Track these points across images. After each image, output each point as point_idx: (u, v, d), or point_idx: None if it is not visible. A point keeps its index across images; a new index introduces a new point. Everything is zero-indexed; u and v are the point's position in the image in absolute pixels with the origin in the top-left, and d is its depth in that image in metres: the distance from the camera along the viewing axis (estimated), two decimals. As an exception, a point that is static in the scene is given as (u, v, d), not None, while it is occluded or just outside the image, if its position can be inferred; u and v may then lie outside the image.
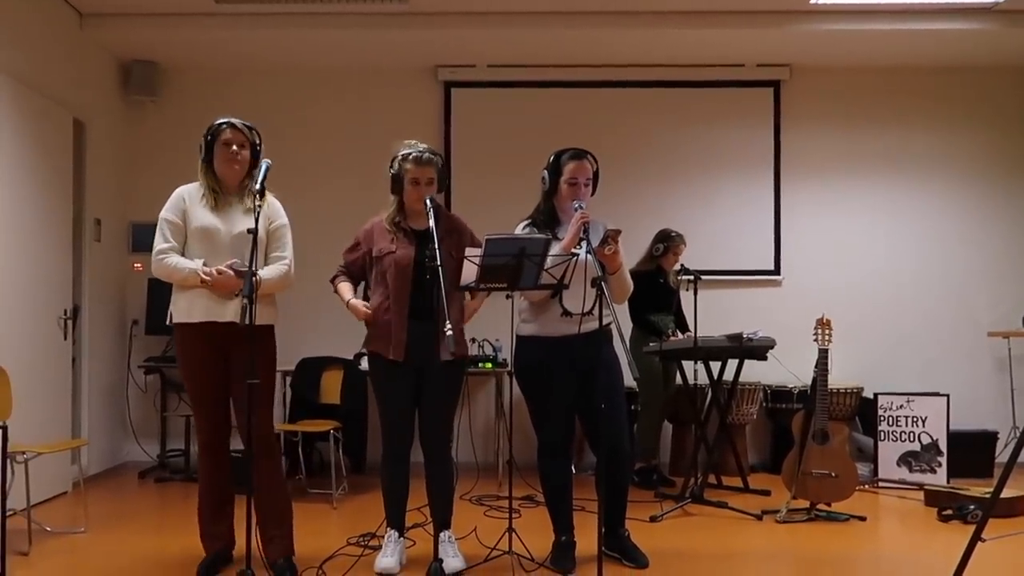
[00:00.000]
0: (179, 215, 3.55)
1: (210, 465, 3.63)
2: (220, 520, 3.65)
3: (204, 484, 3.66)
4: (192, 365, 3.57)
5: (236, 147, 3.55)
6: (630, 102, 6.61)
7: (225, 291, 3.44)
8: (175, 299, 3.56)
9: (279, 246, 3.63)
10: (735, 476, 5.56)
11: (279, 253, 3.63)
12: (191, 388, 3.61)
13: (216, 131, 3.57)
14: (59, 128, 5.43)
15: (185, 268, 3.47)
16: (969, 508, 4.64)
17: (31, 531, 4.16)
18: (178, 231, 3.54)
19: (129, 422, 6.40)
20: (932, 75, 6.59)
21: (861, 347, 6.37)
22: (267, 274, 3.55)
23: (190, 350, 3.55)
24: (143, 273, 6.38)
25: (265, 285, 3.52)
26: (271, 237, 3.62)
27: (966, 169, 6.62)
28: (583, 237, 3.50)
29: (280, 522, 3.61)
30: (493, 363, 5.79)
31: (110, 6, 5.63)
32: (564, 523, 3.81)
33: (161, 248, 3.52)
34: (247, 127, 3.60)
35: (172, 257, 3.50)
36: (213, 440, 3.60)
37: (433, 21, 5.77)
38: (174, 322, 3.56)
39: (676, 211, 6.36)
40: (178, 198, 3.58)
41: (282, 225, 3.66)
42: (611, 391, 3.69)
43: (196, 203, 3.55)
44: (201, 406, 3.59)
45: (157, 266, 3.53)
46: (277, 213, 3.66)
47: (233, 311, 3.45)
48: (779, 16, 5.77)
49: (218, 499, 3.65)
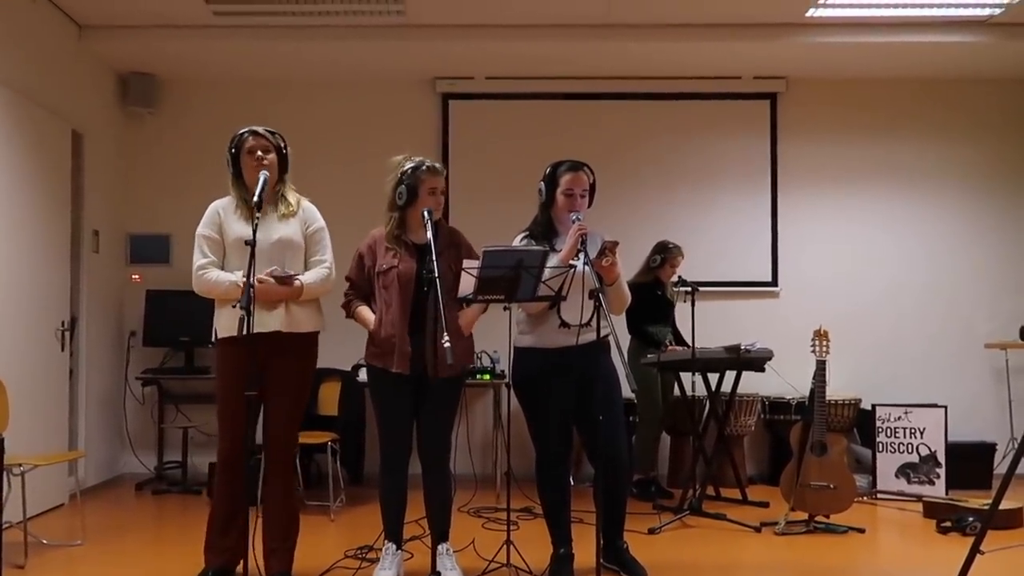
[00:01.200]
0: (215, 229, 3.53)
1: (227, 478, 3.54)
2: (229, 533, 3.54)
3: (219, 497, 3.58)
4: (229, 379, 3.48)
5: (261, 152, 3.53)
6: (627, 114, 6.63)
7: (268, 300, 3.42)
8: (218, 315, 3.52)
9: (318, 249, 3.62)
10: (733, 488, 5.56)
11: (319, 256, 3.61)
12: (223, 401, 3.53)
13: (239, 141, 3.55)
14: (57, 139, 5.43)
15: (225, 281, 3.44)
16: (968, 520, 4.64)
17: (27, 544, 4.14)
18: (216, 245, 3.53)
19: (126, 434, 6.38)
20: (928, 87, 6.62)
21: (859, 358, 6.38)
22: (309, 279, 3.53)
23: (231, 364, 3.47)
24: (141, 284, 6.40)
25: (308, 290, 3.51)
26: (309, 241, 3.61)
27: (962, 180, 6.64)
28: (581, 249, 3.51)
29: (285, 536, 3.59)
30: (491, 375, 5.79)
31: (108, 18, 5.64)
32: (562, 535, 3.79)
33: (201, 264, 3.50)
34: (270, 132, 3.59)
35: (212, 272, 3.48)
36: (233, 453, 3.50)
37: (431, 33, 5.80)
38: (219, 338, 3.51)
39: (674, 222, 6.37)
40: (213, 212, 3.57)
41: (319, 228, 3.64)
42: (609, 403, 3.69)
43: (231, 215, 3.53)
44: (229, 420, 3.50)
45: (198, 282, 3.51)
46: (313, 217, 3.65)
47: (277, 320, 3.44)
48: (775, 29, 5.80)
49: (231, 511, 3.54)
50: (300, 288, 3.49)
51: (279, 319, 3.45)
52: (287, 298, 3.47)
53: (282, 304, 3.45)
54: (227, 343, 3.49)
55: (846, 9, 5.53)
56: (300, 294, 3.50)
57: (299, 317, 3.51)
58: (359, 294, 3.83)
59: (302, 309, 3.52)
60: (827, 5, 5.45)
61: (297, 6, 5.39)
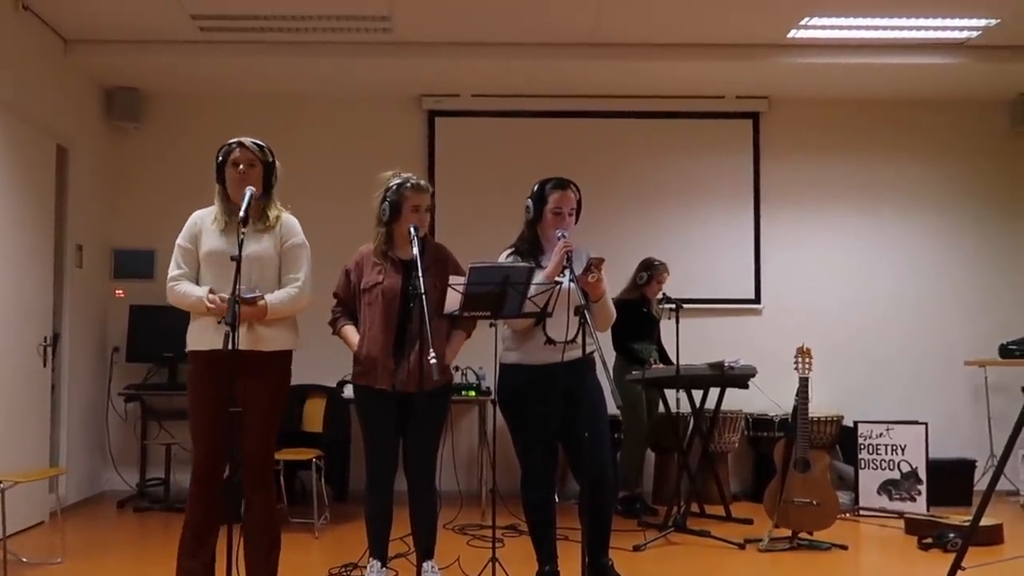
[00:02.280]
0: (191, 240, 3.48)
1: (200, 497, 3.47)
2: (199, 555, 3.48)
3: (191, 515, 3.49)
4: (197, 394, 3.45)
5: (243, 166, 3.45)
6: (612, 132, 6.68)
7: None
8: (190, 328, 3.49)
9: (294, 266, 3.50)
10: (718, 504, 5.57)
11: (292, 274, 3.49)
12: (192, 415, 3.49)
13: (226, 152, 3.49)
14: (42, 154, 5.41)
15: (193, 295, 3.40)
16: (949, 536, 4.67)
17: (6, 562, 4.10)
18: (190, 257, 3.47)
19: (109, 450, 6.31)
20: (907, 108, 6.71)
21: (841, 375, 6.42)
22: (275, 299, 3.41)
23: (198, 379, 3.45)
24: (125, 299, 6.36)
25: (273, 310, 3.39)
26: (285, 257, 3.50)
27: (941, 199, 6.73)
28: (566, 265, 3.53)
29: (266, 555, 3.52)
30: (476, 391, 5.79)
31: (94, 32, 5.64)
32: (547, 553, 3.79)
33: (173, 275, 3.45)
34: (257, 145, 3.51)
35: (182, 284, 3.43)
36: (207, 472, 3.45)
37: (418, 50, 5.83)
38: (188, 350, 3.48)
39: (658, 240, 6.41)
40: (192, 223, 3.52)
41: (296, 244, 3.52)
42: (594, 419, 3.69)
43: (208, 227, 3.47)
44: (199, 437, 3.45)
45: (170, 293, 3.46)
46: (292, 231, 3.53)
47: (239, 339, 3.31)
48: (758, 49, 5.87)
49: (203, 533, 3.48)
50: (264, 308, 3.37)
51: (242, 338, 3.28)
52: (250, 318, 3.36)
53: (244, 323, 3.32)
54: (195, 358, 3.46)
55: (827, 31, 5.61)
56: (264, 314, 3.38)
57: (264, 336, 3.40)
58: (346, 311, 3.83)
59: (268, 328, 3.41)
60: (809, 27, 5.53)
61: (283, 22, 5.41)
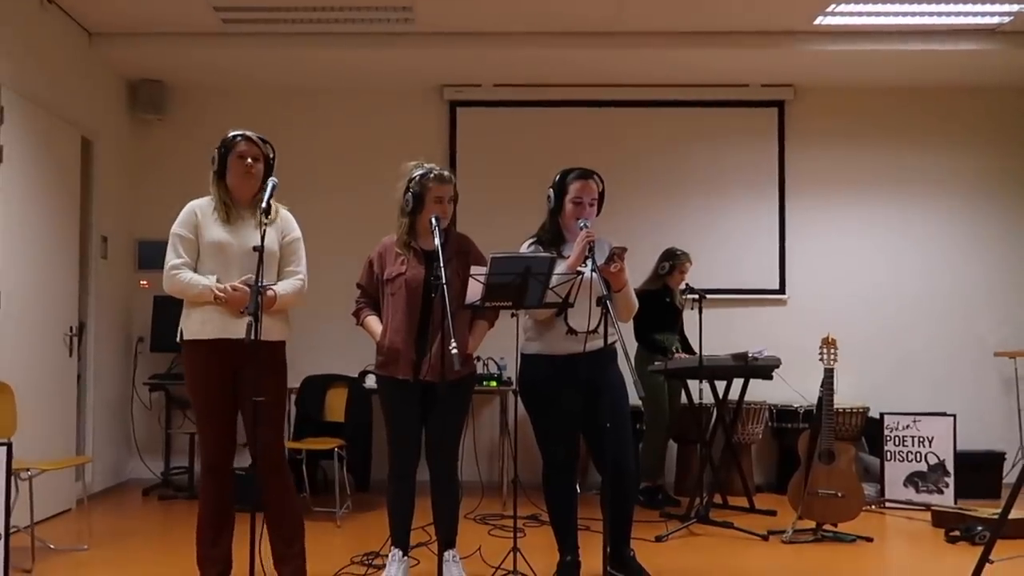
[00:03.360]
0: (191, 230, 3.49)
1: (213, 486, 3.52)
2: (219, 544, 3.53)
3: (205, 505, 3.54)
4: (201, 383, 3.48)
5: (251, 160, 3.50)
6: (635, 121, 6.63)
7: (239, 308, 3.37)
8: (187, 315, 3.50)
9: (293, 260, 3.57)
10: (741, 496, 5.54)
11: (293, 268, 3.56)
12: (198, 406, 3.52)
13: (231, 144, 3.52)
14: (67, 146, 5.46)
15: (199, 284, 3.41)
16: (977, 529, 4.61)
17: (35, 548, 4.15)
18: (191, 246, 3.49)
19: (133, 439, 6.38)
20: (936, 95, 6.61)
21: (867, 366, 6.35)
22: (283, 289, 3.49)
23: (200, 367, 3.47)
24: (149, 290, 6.40)
25: (281, 300, 3.47)
26: (284, 251, 3.56)
27: (971, 188, 6.63)
28: (588, 255, 3.51)
29: (290, 541, 3.55)
30: (498, 381, 5.79)
31: (118, 25, 5.67)
32: (569, 543, 3.79)
33: (174, 264, 3.46)
34: (261, 140, 3.56)
35: (185, 273, 3.45)
36: (217, 460, 3.50)
37: (439, 40, 5.81)
38: (185, 339, 3.49)
39: (681, 230, 6.37)
40: (190, 212, 3.53)
41: (295, 239, 3.60)
42: (616, 410, 3.68)
43: (208, 217, 3.50)
44: (207, 425, 3.50)
45: (170, 282, 3.47)
46: (290, 227, 3.60)
47: (245, 328, 3.39)
48: (783, 37, 5.80)
49: (219, 522, 3.53)
50: (273, 298, 3.43)
51: (246, 327, 3.34)
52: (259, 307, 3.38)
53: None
54: (194, 347, 3.46)
55: (854, 17, 5.53)
56: (273, 304, 3.44)
57: (268, 326, 3.40)
58: (370, 302, 3.84)
59: (271, 318, 3.44)
60: (835, 13, 5.45)
61: (305, 13, 5.41)
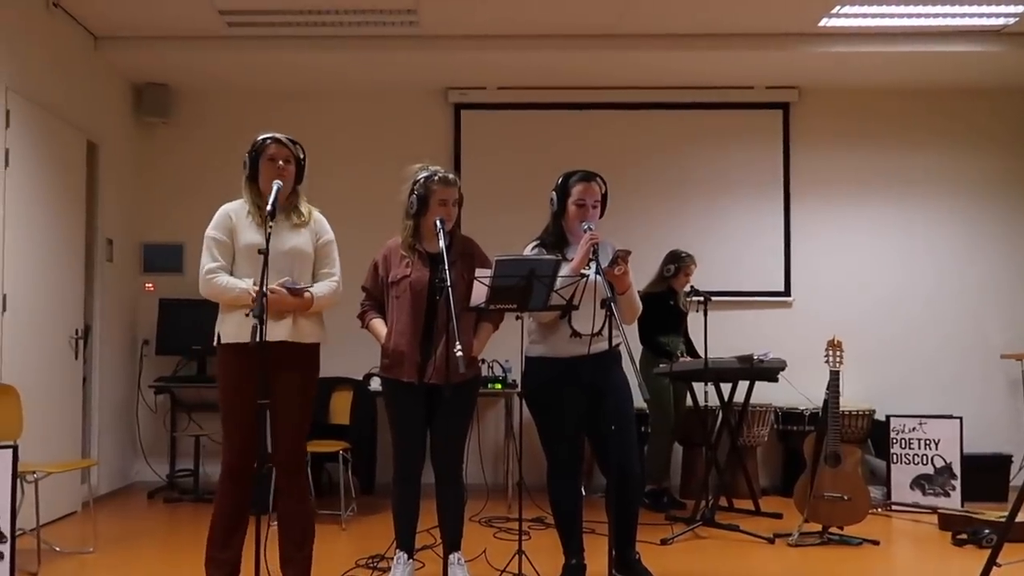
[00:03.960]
0: (226, 233, 3.48)
1: (231, 489, 3.49)
2: (229, 547, 3.50)
3: (221, 508, 3.51)
4: (234, 386, 3.44)
5: (282, 162, 3.50)
6: (640, 124, 6.63)
7: (278, 310, 3.39)
8: (223, 320, 3.49)
9: (328, 262, 3.59)
10: (746, 499, 5.52)
11: (328, 269, 3.59)
12: (227, 409, 3.48)
13: (261, 147, 3.52)
14: (73, 149, 5.48)
15: (236, 288, 3.40)
16: (984, 532, 4.59)
17: (40, 551, 4.16)
18: (226, 249, 3.48)
19: (139, 442, 6.39)
20: (941, 96, 6.60)
21: (873, 369, 6.34)
22: (319, 291, 3.51)
23: (235, 371, 3.43)
24: (154, 293, 6.43)
25: (317, 303, 3.49)
26: (319, 253, 3.58)
27: (976, 190, 6.61)
28: (592, 258, 3.51)
29: (301, 544, 3.54)
30: (503, 384, 5.78)
31: (124, 29, 5.69)
32: (574, 546, 3.77)
33: (210, 268, 3.45)
34: (291, 141, 3.56)
35: (222, 276, 3.44)
36: (239, 464, 3.46)
37: (443, 43, 5.82)
38: (221, 343, 3.47)
39: (686, 232, 6.36)
40: (224, 216, 3.52)
41: (329, 241, 3.62)
42: (621, 413, 3.67)
43: (243, 221, 3.49)
44: (234, 428, 3.46)
45: (206, 286, 3.46)
46: (324, 229, 3.62)
47: (284, 330, 3.42)
48: (788, 38, 5.79)
49: (232, 525, 3.51)
50: (310, 300, 3.47)
51: (286, 329, 3.43)
52: (297, 309, 3.45)
53: (290, 315, 3.44)
54: (230, 350, 3.45)
55: (859, 19, 5.52)
56: (310, 306, 3.48)
57: (305, 328, 3.49)
58: (375, 304, 3.84)
59: (307, 321, 3.50)
60: (840, 15, 5.44)
61: (310, 16, 5.42)
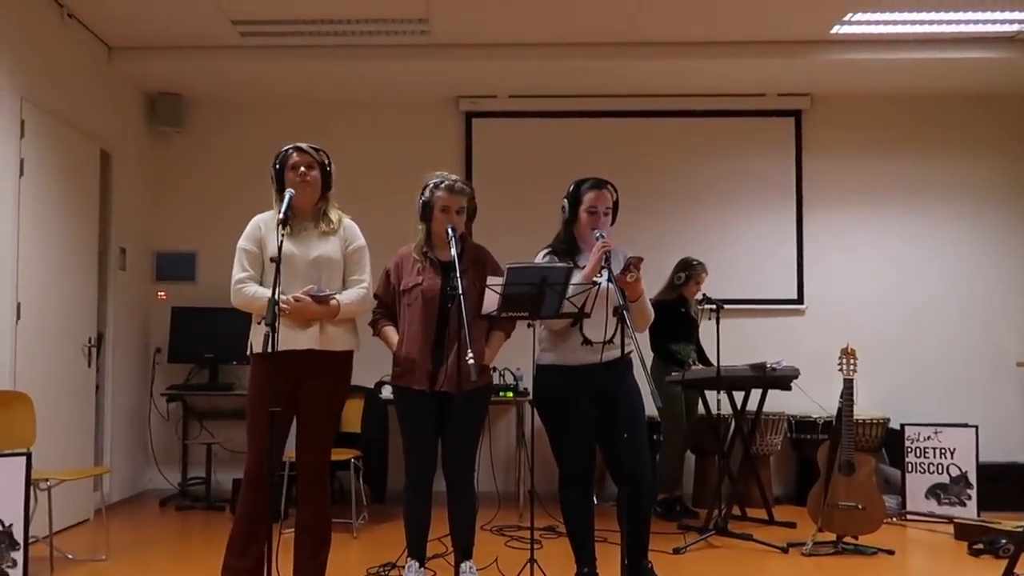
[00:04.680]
0: (256, 244, 3.51)
1: (253, 496, 3.47)
2: (246, 555, 3.48)
3: (242, 516, 3.50)
4: (259, 395, 3.43)
5: (304, 168, 3.52)
6: (651, 131, 6.62)
7: (302, 319, 3.41)
8: (255, 330, 3.50)
9: (357, 269, 3.61)
10: (760, 508, 5.49)
11: (357, 276, 3.60)
12: (251, 417, 3.48)
13: (284, 157, 3.54)
14: (87, 159, 5.51)
15: (263, 297, 3.39)
16: (1001, 542, 4.55)
17: (53, 558, 4.17)
18: (255, 260, 3.51)
19: (151, 450, 6.41)
20: (954, 103, 6.57)
21: (887, 377, 6.30)
22: (346, 298, 3.52)
23: (262, 380, 3.42)
24: (167, 301, 6.45)
25: (344, 310, 3.49)
26: (349, 260, 3.60)
27: (990, 197, 6.57)
28: (604, 266, 3.50)
29: (316, 552, 3.55)
30: (514, 392, 5.77)
31: (137, 40, 5.73)
32: (586, 555, 3.76)
33: (240, 278, 3.48)
34: (314, 149, 3.58)
35: (250, 286, 3.46)
36: (261, 472, 3.45)
37: (455, 52, 5.83)
38: (254, 352, 3.49)
39: (698, 240, 6.34)
40: (255, 226, 3.55)
41: (359, 247, 3.63)
42: (632, 421, 3.66)
43: (272, 230, 3.50)
44: (257, 437, 3.45)
45: (236, 296, 3.49)
46: (354, 235, 3.65)
47: (311, 339, 3.42)
48: (800, 46, 5.78)
49: (251, 532, 3.47)
50: (336, 308, 3.47)
51: (313, 337, 3.44)
52: (323, 317, 3.45)
53: (317, 323, 3.45)
54: (261, 359, 3.43)
55: (871, 26, 5.51)
56: (336, 313, 3.47)
57: (333, 336, 3.49)
58: (387, 312, 3.85)
59: (336, 328, 3.51)
60: (852, 22, 5.43)
61: (322, 26, 5.45)
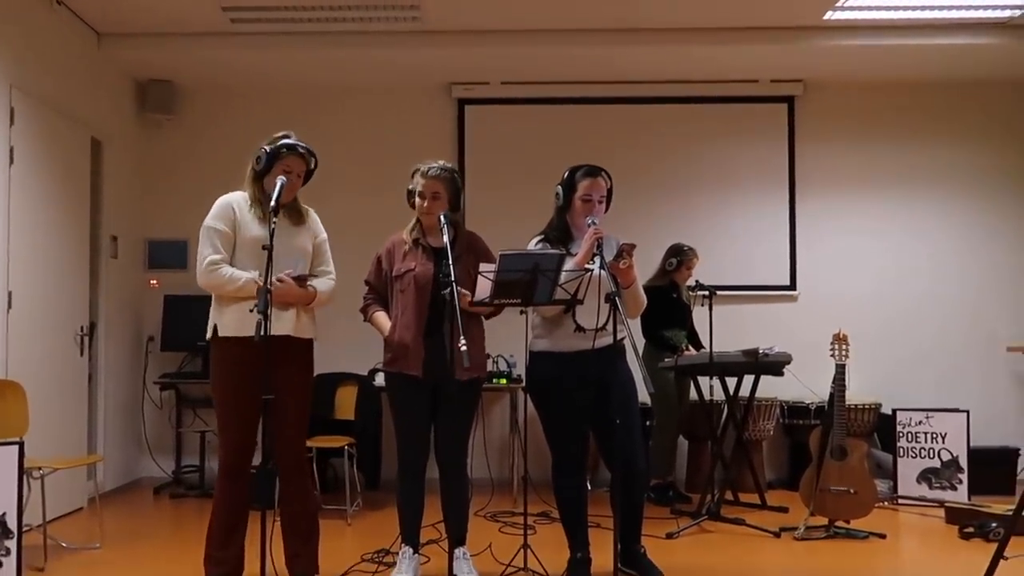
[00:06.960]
0: (228, 225, 3.44)
1: (229, 487, 3.47)
2: (229, 545, 3.48)
3: (219, 505, 3.49)
4: (232, 381, 3.40)
5: (296, 176, 3.51)
6: (643, 118, 6.61)
7: (284, 301, 3.39)
8: (221, 312, 3.41)
9: (324, 260, 3.65)
10: (752, 493, 5.51)
11: (325, 267, 3.64)
12: (223, 405, 3.43)
13: (281, 154, 3.47)
14: (77, 146, 5.48)
15: (242, 278, 3.35)
16: (991, 526, 4.58)
17: (47, 547, 4.17)
18: (227, 241, 3.43)
19: (144, 438, 6.41)
20: (946, 90, 6.57)
21: (879, 362, 6.33)
22: (321, 286, 3.55)
23: (233, 366, 3.38)
24: (159, 289, 6.44)
25: (319, 298, 3.52)
26: (316, 252, 3.63)
27: (983, 183, 6.58)
28: (597, 252, 3.50)
29: (306, 539, 3.56)
30: (507, 379, 5.78)
31: (127, 26, 5.69)
32: (580, 540, 3.78)
33: (213, 259, 3.38)
34: (310, 153, 3.56)
35: (225, 268, 3.38)
36: (236, 461, 3.45)
37: (447, 39, 5.80)
38: (220, 336, 3.40)
39: (690, 226, 6.34)
40: (226, 207, 3.47)
41: (324, 239, 3.68)
42: (625, 407, 3.68)
43: (247, 214, 3.46)
44: (231, 425, 3.42)
45: (209, 277, 3.38)
46: (319, 228, 3.67)
47: (288, 324, 3.41)
48: (793, 32, 5.77)
49: (232, 522, 3.48)
50: (314, 293, 3.50)
51: (290, 323, 3.43)
52: (302, 301, 3.46)
53: (294, 308, 3.44)
54: (229, 344, 3.38)
55: (864, 12, 5.49)
56: (313, 299, 3.50)
57: (305, 324, 3.52)
58: (378, 298, 3.85)
59: (307, 316, 3.53)
60: (845, 8, 5.42)
61: (313, 12, 5.41)
